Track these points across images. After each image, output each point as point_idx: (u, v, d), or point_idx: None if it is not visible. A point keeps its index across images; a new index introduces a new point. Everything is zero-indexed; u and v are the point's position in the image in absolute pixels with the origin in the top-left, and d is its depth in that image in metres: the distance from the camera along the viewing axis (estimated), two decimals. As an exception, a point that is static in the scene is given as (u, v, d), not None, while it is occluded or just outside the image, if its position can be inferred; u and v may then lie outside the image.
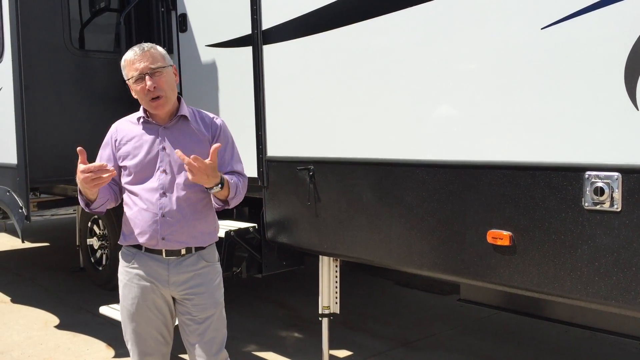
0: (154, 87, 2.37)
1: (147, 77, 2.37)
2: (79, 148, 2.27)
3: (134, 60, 2.39)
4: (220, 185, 2.34)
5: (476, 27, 2.60)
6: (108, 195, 2.48)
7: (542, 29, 2.37)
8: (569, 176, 2.33)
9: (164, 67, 2.41)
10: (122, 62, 2.46)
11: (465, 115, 2.66)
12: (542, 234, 2.43)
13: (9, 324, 4.86)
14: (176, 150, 2.31)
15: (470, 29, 2.62)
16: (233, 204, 2.49)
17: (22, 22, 4.28)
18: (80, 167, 2.25)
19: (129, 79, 2.43)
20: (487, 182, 2.59)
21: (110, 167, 2.30)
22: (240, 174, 2.58)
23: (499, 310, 3.20)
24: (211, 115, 2.60)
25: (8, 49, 4.48)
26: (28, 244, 7.99)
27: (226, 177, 2.41)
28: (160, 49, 2.47)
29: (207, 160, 2.27)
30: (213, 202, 2.47)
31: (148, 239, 2.44)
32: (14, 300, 5.53)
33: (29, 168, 4.31)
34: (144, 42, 2.51)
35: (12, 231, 7.78)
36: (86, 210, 2.49)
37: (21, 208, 4.44)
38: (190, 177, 2.29)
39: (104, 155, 2.55)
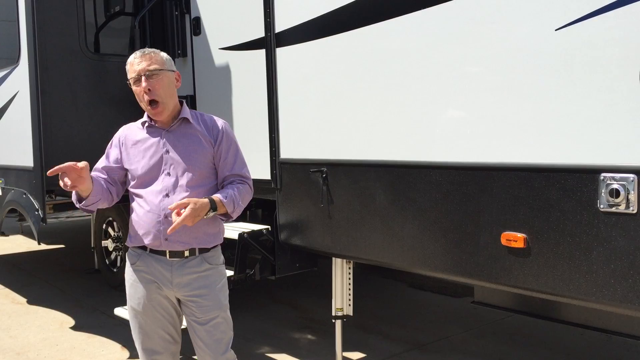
0: (149, 90, 2.41)
1: (143, 78, 2.41)
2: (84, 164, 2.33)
3: (133, 62, 2.45)
4: (212, 210, 2.40)
5: (490, 29, 2.59)
6: (101, 195, 2.50)
7: (556, 30, 2.36)
8: (584, 178, 2.32)
9: (161, 69, 2.44)
10: (126, 65, 2.52)
11: (479, 117, 2.66)
12: (557, 236, 2.42)
13: (25, 325, 4.91)
14: (170, 207, 2.36)
15: (484, 30, 2.61)
16: (235, 215, 2.53)
17: (39, 26, 4.33)
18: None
19: (128, 81, 2.48)
20: (501, 184, 2.58)
21: (81, 164, 2.32)
22: (243, 178, 2.60)
23: (513, 313, 3.18)
24: (214, 117, 2.62)
25: (25, 53, 4.53)
26: (44, 246, 8.07)
27: (219, 196, 2.44)
28: (163, 54, 2.51)
29: (186, 210, 2.31)
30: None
31: (152, 240, 2.48)
32: (30, 302, 5.59)
33: (45, 171, 4.36)
34: (158, 46, 2.55)
35: (28, 233, 7.85)
36: (77, 206, 2.51)
37: (37, 210, 4.49)
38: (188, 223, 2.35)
39: (111, 154, 2.60)
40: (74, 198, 2.50)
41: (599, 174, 2.27)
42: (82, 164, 2.31)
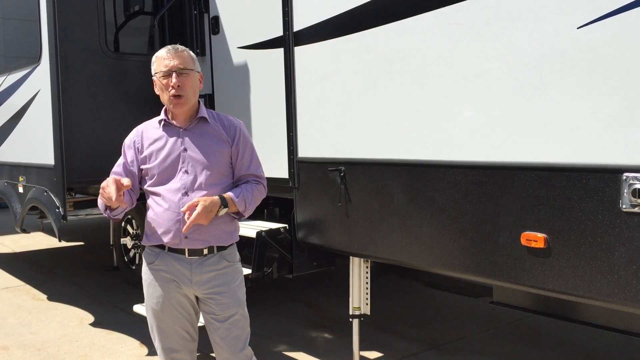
0: (178, 86, 2.44)
1: (174, 74, 2.44)
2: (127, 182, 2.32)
3: (166, 57, 2.47)
4: (223, 207, 2.45)
5: (510, 27, 2.57)
6: (129, 205, 2.54)
7: (578, 28, 2.34)
8: (606, 178, 2.29)
9: (191, 70, 2.49)
10: (154, 58, 2.53)
11: (499, 115, 2.64)
12: (578, 236, 2.39)
13: (45, 321, 4.97)
14: (182, 209, 2.40)
15: (504, 29, 2.59)
16: (247, 214, 2.57)
17: (60, 26, 4.38)
18: (104, 185, 2.32)
19: (156, 73, 2.49)
20: (521, 183, 2.56)
21: (125, 181, 2.32)
22: (258, 178, 2.64)
23: (532, 313, 3.16)
24: (230, 117, 2.65)
25: (46, 52, 4.59)
26: (63, 243, 8.15)
27: (231, 194, 2.48)
28: (192, 54, 2.54)
29: (197, 208, 2.37)
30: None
31: (171, 238, 2.49)
32: (50, 298, 5.66)
33: (65, 169, 4.41)
34: (180, 45, 2.57)
35: (48, 230, 7.95)
36: (104, 215, 2.54)
37: (58, 208, 4.54)
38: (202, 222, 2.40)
39: (128, 155, 2.61)
40: (101, 208, 2.52)
41: (621, 173, 2.24)
42: (126, 181, 2.32)
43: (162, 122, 2.57)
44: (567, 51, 2.38)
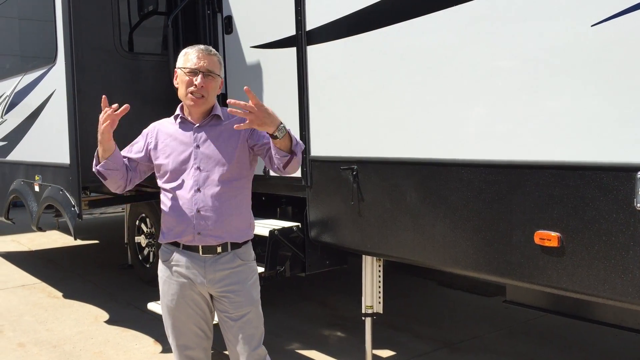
0: (202, 87, 2.46)
1: (200, 74, 2.46)
2: (103, 96, 2.44)
3: (197, 55, 2.48)
4: (282, 125, 2.28)
5: (523, 25, 2.56)
6: (119, 166, 2.55)
7: (592, 26, 2.32)
8: (620, 176, 2.28)
9: (217, 74, 2.52)
10: (183, 52, 2.55)
11: (512, 114, 2.63)
12: (592, 235, 2.38)
13: (61, 319, 5.02)
14: (229, 100, 2.25)
15: (517, 26, 2.59)
16: (298, 151, 2.39)
17: (75, 26, 4.42)
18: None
19: (182, 67, 2.50)
20: (535, 182, 2.55)
21: (114, 105, 2.42)
22: None
23: (545, 313, 3.14)
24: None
25: (61, 52, 4.63)
26: (79, 242, 8.21)
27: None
28: (220, 59, 2.57)
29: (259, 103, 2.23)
30: (279, 161, 2.39)
31: (185, 235, 2.51)
32: (65, 296, 5.72)
33: (80, 168, 4.45)
34: (190, 44, 2.59)
35: (64, 228, 8.02)
36: (94, 169, 2.57)
37: (73, 206, 4.58)
38: (255, 124, 2.24)
39: (135, 146, 2.65)
40: (94, 162, 2.56)
41: (636, 172, 2.23)
42: (116, 106, 2.40)
43: (178, 119, 2.59)
44: (581, 49, 2.37)
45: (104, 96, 2.46)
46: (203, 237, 2.50)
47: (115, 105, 2.42)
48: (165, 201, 2.58)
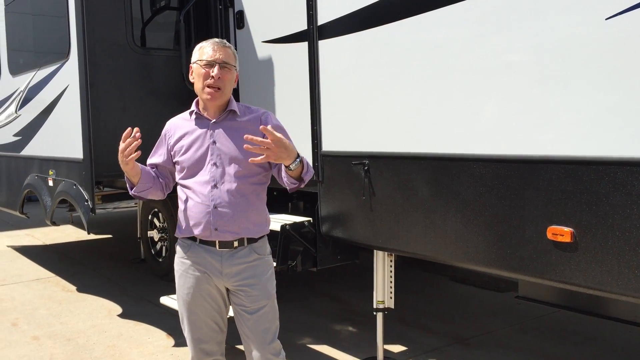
0: (218, 78, 2.46)
1: (217, 66, 2.46)
2: (129, 128, 2.41)
3: (212, 48, 2.49)
4: (299, 159, 2.35)
5: (536, 18, 2.54)
6: (152, 183, 2.60)
7: (606, 19, 2.30)
8: (635, 171, 2.25)
9: (233, 66, 2.53)
10: (198, 47, 2.55)
11: (525, 108, 2.61)
12: (606, 230, 2.36)
13: (74, 312, 5.07)
14: (246, 135, 2.29)
15: (529, 20, 2.56)
16: (307, 178, 2.47)
17: (88, 22, 4.44)
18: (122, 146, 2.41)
19: (198, 61, 2.51)
20: (548, 177, 2.53)
21: (137, 134, 2.39)
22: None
23: (558, 308, 3.12)
24: (260, 109, 2.66)
25: (74, 48, 4.66)
26: (92, 236, 8.31)
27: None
28: (235, 52, 2.57)
29: (280, 136, 2.27)
30: (287, 183, 2.47)
31: (202, 230, 2.52)
32: (79, 290, 5.77)
33: (94, 163, 4.48)
34: (202, 40, 2.60)
35: (77, 223, 8.10)
36: (130, 193, 2.60)
37: (87, 201, 4.62)
38: (271, 159, 2.29)
39: (158, 151, 2.68)
40: (128, 185, 2.60)
41: (651, 167, 2.21)
42: (135, 131, 2.40)
43: (193, 115, 2.60)
44: (594, 42, 2.34)
45: (133, 129, 2.42)
46: (220, 233, 2.51)
47: (138, 134, 2.40)
48: (182, 196, 2.60)
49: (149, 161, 2.69)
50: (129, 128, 2.41)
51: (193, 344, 2.65)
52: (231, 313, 2.68)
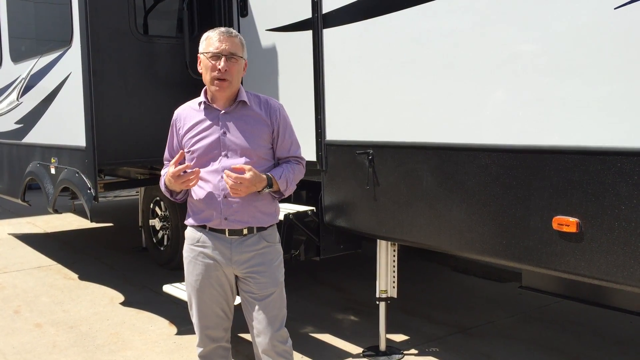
0: (225, 70, 2.45)
1: (223, 58, 2.44)
2: (180, 152, 2.52)
3: (218, 38, 2.47)
4: (268, 186, 2.49)
5: (544, 7, 2.52)
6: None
7: (615, 8, 2.28)
8: (642, 161, 2.25)
9: (240, 56, 2.50)
10: (204, 36, 2.53)
11: (531, 98, 2.60)
12: (612, 220, 2.36)
13: (77, 300, 5.08)
14: (225, 171, 2.43)
15: (538, 9, 2.54)
16: (288, 193, 2.60)
17: (90, 9, 4.41)
18: (172, 168, 2.46)
19: (205, 52, 2.49)
20: (554, 167, 2.52)
21: (189, 166, 2.49)
22: (299, 159, 2.68)
23: (561, 299, 3.13)
24: (270, 99, 2.65)
25: (77, 35, 4.63)
26: (93, 224, 8.30)
27: (273, 174, 2.52)
28: (243, 40, 2.55)
29: (246, 175, 2.41)
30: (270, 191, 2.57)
31: (212, 219, 2.54)
32: (81, 277, 5.78)
33: (96, 150, 4.47)
34: (205, 28, 2.57)
35: (79, 211, 8.10)
36: (170, 199, 2.67)
37: (89, 189, 4.61)
38: (239, 194, 2.43)
39: (171, 143, 2.69)
40: (167, 194, 2.64)
41: (658, 157, 2.20)
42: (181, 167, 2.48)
43: (202, 105, 2.59)
44: (602, 32, 2.33)
45: (182, 152, 2.53)
46: (230, 222, 2.53)
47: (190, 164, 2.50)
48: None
49: (167, 155, 2.72)
50: (181, 151, 2.52)
51: (200, 330, 2.67)
52: (238, 300, 2.68)
